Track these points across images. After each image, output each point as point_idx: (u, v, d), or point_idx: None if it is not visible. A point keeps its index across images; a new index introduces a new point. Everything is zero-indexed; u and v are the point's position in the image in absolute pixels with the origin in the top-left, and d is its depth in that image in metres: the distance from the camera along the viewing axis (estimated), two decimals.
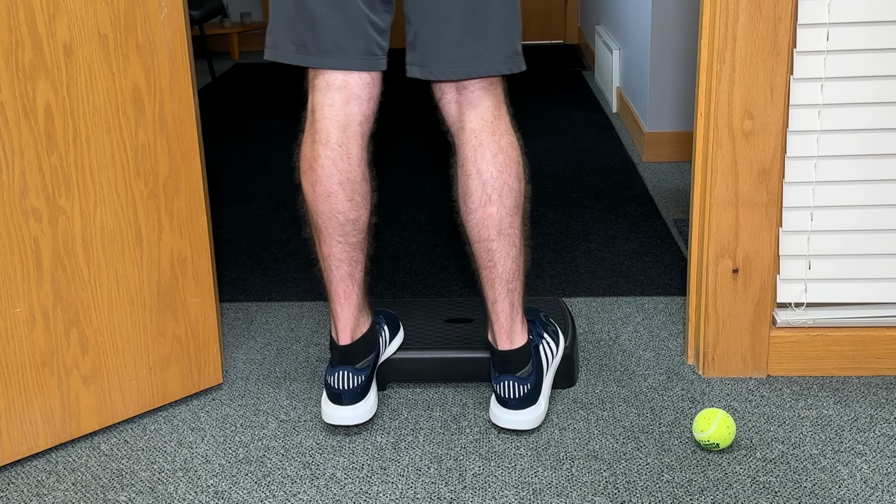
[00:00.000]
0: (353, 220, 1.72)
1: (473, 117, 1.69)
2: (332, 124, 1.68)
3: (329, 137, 1.68)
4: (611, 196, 3.15)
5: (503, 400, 1.76)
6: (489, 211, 1.69)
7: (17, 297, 1.67)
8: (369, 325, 1.83)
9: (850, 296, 1.94)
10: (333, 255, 1.74)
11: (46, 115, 1.64)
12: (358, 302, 1.78)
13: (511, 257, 1.72)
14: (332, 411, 1.78)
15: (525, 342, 1.78)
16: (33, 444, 1.75)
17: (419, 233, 2.87)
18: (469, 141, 1.69)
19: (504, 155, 1.68)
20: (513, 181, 1.69)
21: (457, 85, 1.70)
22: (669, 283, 2.46)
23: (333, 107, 1.68)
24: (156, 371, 1.88)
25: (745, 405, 1.88)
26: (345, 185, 1.69)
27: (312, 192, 1.71)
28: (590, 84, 4.93)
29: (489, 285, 1.74)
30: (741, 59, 1.81)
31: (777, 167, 1.86)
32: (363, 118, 1.70)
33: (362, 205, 1.72)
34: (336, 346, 1.79)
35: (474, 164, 1.69)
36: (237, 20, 6.37)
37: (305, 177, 1.71)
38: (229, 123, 4.34)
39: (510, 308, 1.75)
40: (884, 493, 1.60)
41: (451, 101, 1.72)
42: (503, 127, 1.70)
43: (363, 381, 1.78)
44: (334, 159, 1.68)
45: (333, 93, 1.68)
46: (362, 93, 1.69)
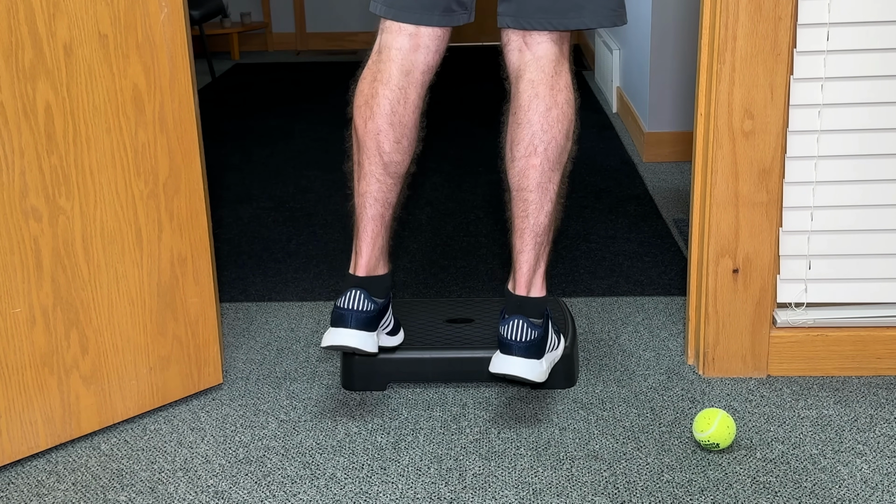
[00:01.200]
0: (397, 162, 1.75)
1: (535, 68, 1.71)
2: (396, 66, 1.72)
3: (391, 78, 1.72)
4: (611, 196, 3.15)
5: (507, 343, 1.72)
6: (532, 162, 1.70)
7: (17, 297, 1.67)
8: (386, 271, 1.84)
9: (850, 296, 1.94)
10: (370, 192, 1.77)
11: (46, 115, 1.64)
12: (382, 244, 1.81)
13: (545, 211, 1.74)
14: (332, 333, 1.75)
15: (542, 296, 1.78)
16: (33, 444, 1.75)
17: (419, 233, 2.87)
18: (525, 90, 1.71)
19: (558, 110, 1.70)
20: (561, 137, 1.71)
21: (523, 33, 1.71)
22: (669, 283, 2.46)
23: (401, 50, 1.72)
24: (156, 371, 1.88)
25: (745, 405, 1.88)
26: (395, 126, 1.72)
27: (364, 127, 1.74)
28: (590, 84, 4.94)
29: (519, 235, 1.76)
30: (741, 59, 1.81)
31: (777, 167, 1.86)
32: (426, 67, 1.74)
33: (408, 150, 1.76)
34: (351, 277, 1.79)
35: (526, 113, 1.70)
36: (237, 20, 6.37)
37: (359, 111, 1.74)
38: (229, 123, 4.34)
39: (534, 260, 1.76)
40: (884, 493, 1.60)
41: (514, 48, 1.73)
42: (563, 83, 1.72)
43: (373, 309, 1.77)
44: (391, 100, 1.72)
45: (404, 38, 1.72)
46: (430, 43, 1.73)
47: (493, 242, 2.77)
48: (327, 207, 3.11)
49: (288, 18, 6.44)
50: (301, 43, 6.46)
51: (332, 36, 6.38)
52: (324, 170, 3.53)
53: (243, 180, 3.46)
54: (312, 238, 2.86)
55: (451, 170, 3.49)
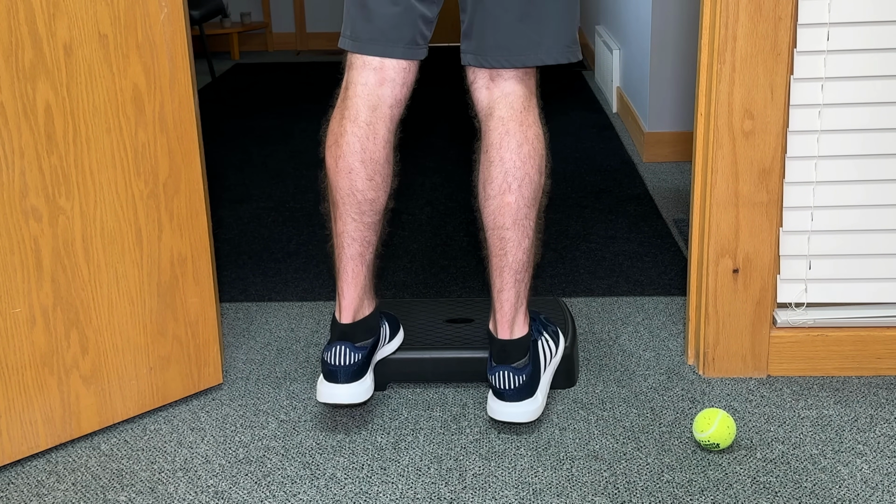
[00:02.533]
0: (371, 199, 1.74)
1: (504, 105, 1.71)
2: (362, 102, 1.71)
3: (358, 115, 1.71)
4: (611, 196, 3.15)
5: (498, 392, 1.75)
6: (507, 199, 1.70)
7: (17, 297, 1.67)
8: (373, 309, 1.83)
9: (850, 296, 1.94)
10: (347, 232, 1.76)
11: (46, 115, 1.64)
12: (364, 283, 1.79)
13: (523, 248, 1.74)
14: (326, 389, 1.76)
15: (525, 334, 1.79)
16: (33, 444, 1.75)
17: (419, 233, 2.87)
18: (496, 128, 1.71)
19: (529, 146, 1.70)
20: (534, 173, 1.71)
21: (490, 72, 1.72)
22: (669, 283, 2.46)
23: (366, 86, 1.71)
24: (156, 371, 1.88)
25: (745, 405, 1.88)
26: (367, 163, 1.72)
27: (335, 166, 1.73)
28: (590, 84, 4.94)
29: (497, 273, 1.75)
30: (741, 59, 1.81)
31: (777, 167, 1.86)
32: (394, 101, 1.73)
33: (382, 186, 1.75)
34: (337, 324, 1.79)
35: (498, 151, 1.70)
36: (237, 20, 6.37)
37: (330, 151, 1.74)
38: (229, 123, 4.34)
39: (515, 298, 1.76)
40: (884, 493, 1.60)
41: (482, 86, 1.74)
42: (531, 118, 1.72)
43: (360, 359, 1.77)
44: (360, 137, 1.71)
45: (368, 72, 1.71)
46: (396, 76, 1.72)
47: None
48: None
49: (288, 18, 6.44)
50: (301, 43, 6.46)
51: (332, 36, 6.38)
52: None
53: (243, 180, 3.46)
54: (312, 238, 2.86)
55: (451, 170, 3.49)
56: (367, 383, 1.79)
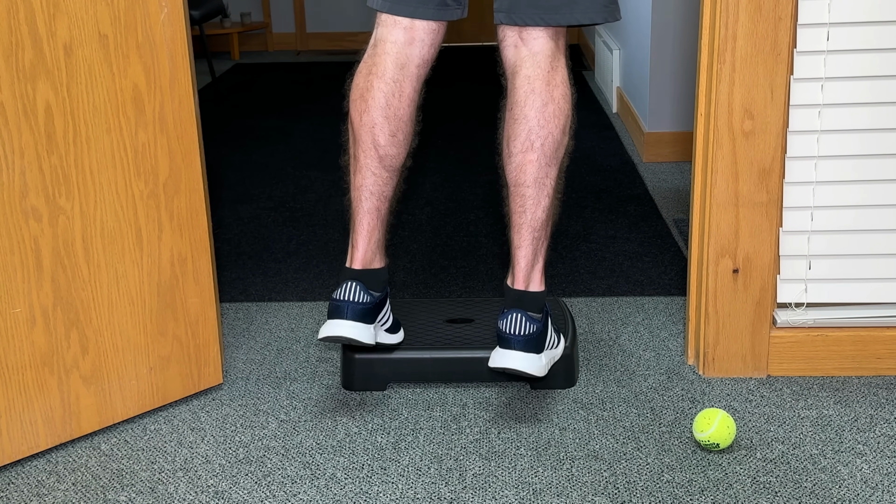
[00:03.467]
0: (392, 155, 1.75)
1: (531, 64, 1.71)
2: (391, 60, 1.72)
3: (385, 71, 1.72)
4: (611, 196, 3.15)
5: (506, 338, 1.73)
6: (529, 157, 1.71)
7: (17, 297, 1.67)
8: (383, 265, 1.84)
9: (850, 296, 1.94)
10: (366, 185, 1.77)
11: (46, 115, 1.64)
12: (378, 237, 1.81)
13: (542, 207, 1.74)
14: (328, 324, 1.75)
15: (541, 290, 1.79)
16: (33, 444, 1.75)
17: (419, 233, 2.87)
18: (522, 86, 1.71)
19: (555, 105, 1.71)
20: (558, 133, 1.72)
21: (519, 30, 1.71)
22: (669, 283, 2.46)
23: (396, 44, 1.72)
24: (156, 371, 1.88)
25: (745, 405, 1.88)
26: (391, 119, 1.73)
27: (359, 120, 1.74)
28: (590, 84, 4.94)
29: (516, 230, 1.76)
30: (741, 59, 1.81)
31: (777, 167, 1.86)
32: (421, 61, 1.74)
33: (403, 143, 1.76)
34: (348, 270, 1.80)
35: (522, 109, 1.70)
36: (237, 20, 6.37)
37: (354, 105, 1.75)
38: (229, 123, 4.34)
39: (532, 256, 1.77)
40: (884, 493, 1.60)
41: (510, 44, 1.74)
42: (559, 78, 1.72)
43: (370, 301, 1.77)
44: (386, 93, 1.72)
45: (398, 31, 1.72)
46: (426, 37, 1.73)
47: (492, 242, 2.77)
48: (327, 207, 3.11)
49: (288, 18, 6.44)
50: (301, 43, 6.46)
51: (332, 36, 6.38)
52: (324, 170, 3.53)
53: (243, 180, 3.46)
54: (312, 238, 2.86)
55: (451, 170, 3.49)
56: (372, 331, 1.78)
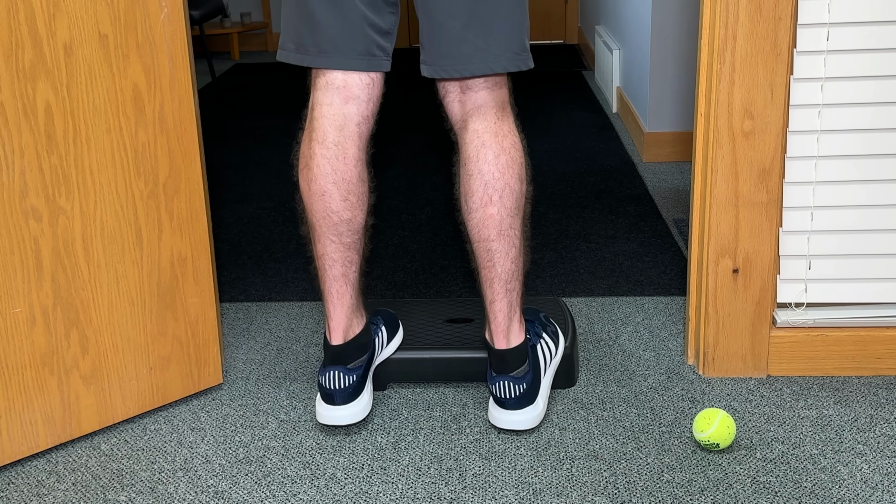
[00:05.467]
0: (347, 220, 1.72)
1: (477, 117, 1.69)
2: (328, 123, 1.69)
3: (326, 136, 1.69)
4: (611, 196, 3.15)
5: (500, 400, 1.77)
6: (490, 212, 1.68)
7: (17, 297, 1.67)
8: (363, 326, 1.83)
9: (850, 296, 1.94)
10: (327, 254, 1.75)
11: (46, 115, 1.64)
12: (351, 302, 1.78)
13: (510, 258, 1.72)
14: (324, 411, 1.78)
15: (522, 342, 1.78)
16: (33, 444, 1.75)
17: (419, 233, 2.87)
18: (472, 141, 1.68)
19: (507, 156, 1.68)
20: (514, 182, 1.69)
21: (461, 84, 1.69)
22: (669, 283, 2.46)
23: (331, 106, 1.69)
24: (156, 371, 1.88)
25: (745, 405, 1.88)
26: (339, 184, 1.70)
27: (308, 190, 1.71)
28: (590, 84, 4.93)
29: (488, 285, 1.74)
30: (741, 59, 1.81)
31: (777, 167, 1.86)
32: (361, 119, 1.70)
33: (357, 205, 1.72)
34: (328, 346, 1.79)
35: (476, 164, 1.68)
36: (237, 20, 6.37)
37: (302, 175, 1.72)
38: (229, 123, 4.34)
39: (508, 308, 1.75)
40: (884, 493, 1.60)
41: (454, 99, 1.71)
42: (507, 128, 1.69)
43: (355, 381, 1.78)
44: (330, 158, 1.69)
45: (332, 92, 1.69)
46: (361, 93, 1.69)
47: None
48: None
49: None
50: None
51: None
52: None
53: (243, 180, 3.46)
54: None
55: (451, 170, 3.49)
56: (365, 400, 1.80)
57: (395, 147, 3.85)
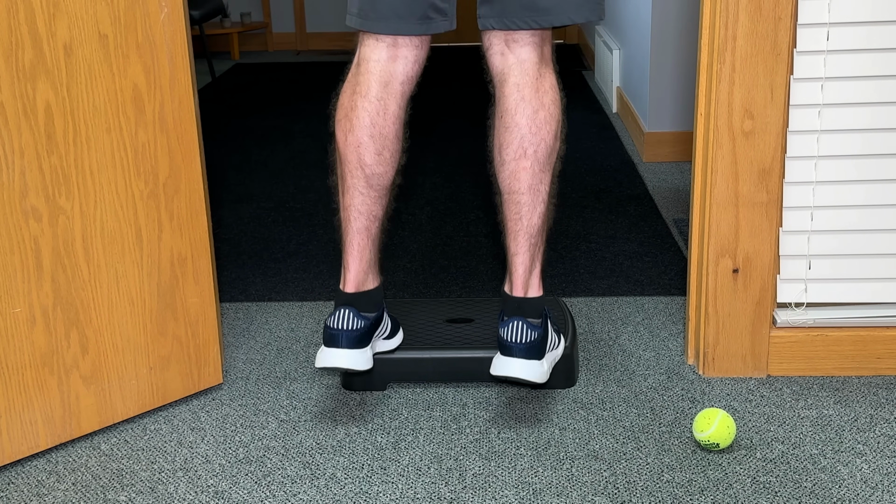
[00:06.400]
0: (379, 174, 1.75)
1: (519, 71, 1.71)
2: (374, 79, 1.72)
3: (370, 90, 1.71)
4: (611, 196, 3.15)
5: (508, 346, 1.73)
6: (523, 164, 1.71)
7: (17, 297, 1.67)
8: (377, 285, 1.84)
9: (850, 296, 1.94)
10: (354, 205, 1.77)
11: (46, 115, 1.64)
12: (370, 257, 1.81)
13: (538, 213, 1.74)
14: (325, 353, 1.76)
15: (540, 296, 1.79)
16: (33, 444, 1.75)
17: (419, 233, 2.87)
18: (511, 94, 1.71)
19: (545, 111, 1.70)
20: (550, 139, 1.71)
21: (506, 36, 1.71)
22: (669, 283, 2.46)
23: (379, 62, 1.72)
24: (156, 371, 1.88)
25: (745, 405, 1.88)
26: (376, 138, 1.72)
27: (344, 140, 1.74)
28: (590, 84, 4.93)
29: (513, 237, 1.76)
30: (741, 59, 1.81)
31: (777, 167, 1.86)
32: (405, 78, 1.73)
33: (390, 161, 1.75)
34: (341, 294, 1.80)
35: (513, 117, 1.70)
36: (237, 20, 6.37)
37: (339, 125, 1.74)
38: (229, 123, 4.34)
39: (530, 262, 1.77)
40: (884, 493, 1.60)
41: (497, 52, 1.73)
42: (547, 84, 1.72)
43: (364, 326, 1.77)
44: (371, 112, 1.71)
45: (381, 49, 1.72)
46: (409, 53, 1.72)
47: (493, 242, 2.77)
48: (327, 207, 3.11)
49: (288, 18, 6.44)
50: (301, 43, 6.46)
51: (332, 36, 6.38)
52: (324, 170, 3.53)
53: (243, 180, 3.46)
54: (312, 238, 2.86)
55: (451, 170, 3.49)
56: (368, 354, 1.79)
57: None
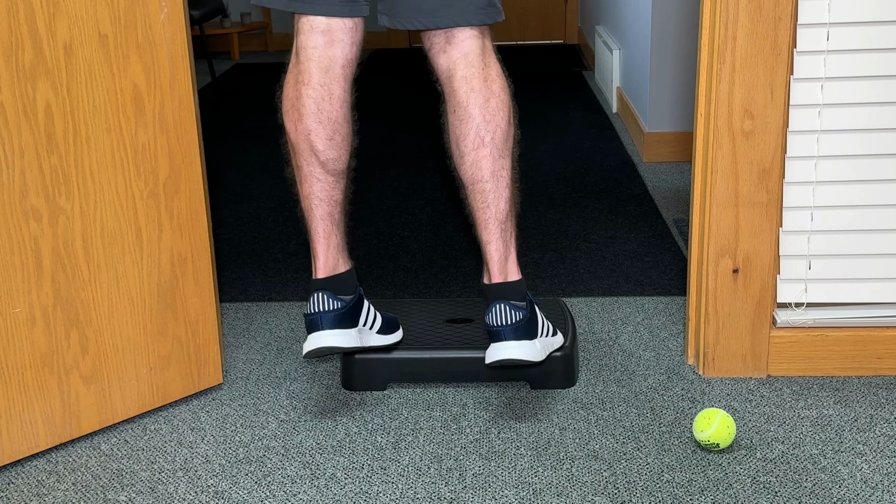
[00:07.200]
0: (333, 159, 1.77)
1: (464, 65, 1.73)
2: (314, 65, 1.74)
3: (311, 78, 1.74)
4: (611, 196, 3.15)
5: (496, 331, 1.74)
6: (482, 153, 1.74)
7: (17, 297, 1.67)
8: (348, 268, 1.85)
9: (850, 296, 1.94)
10: (314, 193, 1.79)
11: (46, 115, 1.64)
12: (337, 242, 1.83)
13: (504, 198, 1.77)
14: (310, 339, 1.77)
15: (519, 279, 1.80)
16: (33, 444, 1.75)
17: (419, 233, 2.87)
18: (461, 87, 1.73)
19: (496, 99, 1.73)
20: (504, 124, 1.74)
21: (445, 34, 1.73)
22: (669, 283, 2.46)
23: (317, 49, 1.74)
24: (156, 371, 1.88)
25: (745, 405, 1.88)
26: (325, 124, 1.75)
27: (294, 130, 1.76)
28: (590, 84, 4.93)
29: (483, 226, 1.78)
30: (741, 59, 1.81)
31: (777, 167, 1.86)
32: (345, 61, 1.75)
33: (342, 145, 1.77)
34: (314, 281, 1.82)
35: (466, 108, 1.73)
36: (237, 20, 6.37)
37: (288, 116, 1.77)
38: (229, 123, 4.34)
39: (504, 247, 1.78)
40: (884, 493, 1.60)
41: (439, 50, 1.76)
42: (494, 72, 1.75)
43: (342, 306, 1.78)
44: (316, 98, 1.74)
45: (317, 35, 1.73)
46: (345, 37, 1.74)
47: None
48: None
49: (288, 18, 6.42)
50: None
51: None
52: None
53: (243, 180, 3.46)
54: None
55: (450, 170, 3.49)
56: (353, 333, 1.79)
57: (395, 147, 3.85)
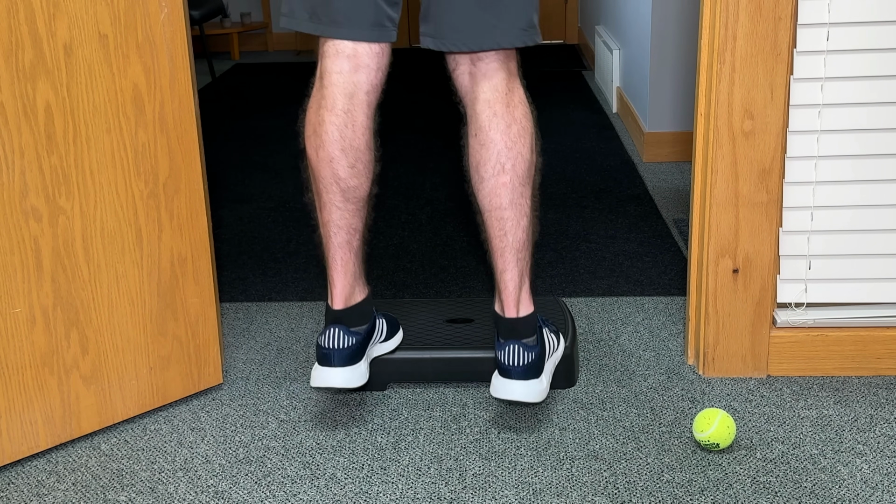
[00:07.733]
0: (354, 187, 1.74)
1: (488, 88, 1.71)
2: (339, 91, 1.71)
3: (335, 104, 1.71)
4: (611, 196, 3.15)
5: (506, 369, 1.74)
6: (502, 180, 1.71)
7: (17, 297, 1.67)
8: (365, 295, 1.84)
9: (850, 296, 1.94)
10: (333, 221, 1.77)
11: (46, 115, 1.64)
12: (354, 270, 1.81)
13: (522, 227, 1.75)
14: (319, 373, 1.77)
15: (532, 312, 1.79)
16: (33, 444, 1.75)
17: (419, 233, 2.87)
18: (483, 111, 1.71)
19: (518, 125, 1.71)
20: (526, 151, 1.72)
21: (471, 56, 1.72)
22: (669, 283, 2.46)
23: (341, 74, 1.71)
24: (156, 371, 1.88)
25: (745, 405, 1.88)
26: (347, 151, 1.72)
27: (315, 156, 1.73)
28: (590, 84, 4.93)
29: (499, 254, 1.76)
30: (741, 59, 1.81)
31: (777, 167, 1.86)
32: (370, 87, 1.73)
33: (364, 173, 1.75)
34: (330, 311, 1.80)
35: (488, 133, 1.70)
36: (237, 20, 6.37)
37: (309, 141, 1.74)
38: (229, 123, 4.34)
39: (518, 277, 1.76)
40: (884, 493, 1.60)
41: (464, 72, 1.74)
42: (517, 98, 1.73)
43: (355, 343, 1.78)
44: (339, 125, 1.71)
45: (342, 60, 1.71)
46: (370, 62, 1.72)
47: None
48: None
49: None
50: (301, 43, 6.46)
51: None
52: None
53: (243, 180, 3.46)
54: (312, 238, 2.86)
55: (451, 170, 3.49)
56: (362, 369, 1.79)
57: (395, 147, 3.85)
